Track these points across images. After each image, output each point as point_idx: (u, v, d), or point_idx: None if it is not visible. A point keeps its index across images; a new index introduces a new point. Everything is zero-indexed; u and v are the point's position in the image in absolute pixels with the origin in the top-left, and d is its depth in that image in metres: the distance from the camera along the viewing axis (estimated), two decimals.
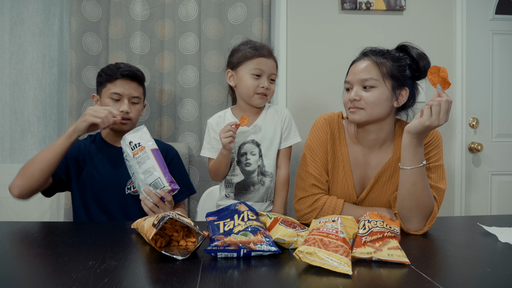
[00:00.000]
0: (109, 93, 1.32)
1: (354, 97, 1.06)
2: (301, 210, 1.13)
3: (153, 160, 1.10)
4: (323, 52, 1.96)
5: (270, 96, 1.28)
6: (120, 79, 1.33)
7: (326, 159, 1.15)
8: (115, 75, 1.33)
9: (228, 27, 1.86)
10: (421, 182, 0.96)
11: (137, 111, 1.37)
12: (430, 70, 0.94)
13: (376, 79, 1.04)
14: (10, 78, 1.90)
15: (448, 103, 0.90)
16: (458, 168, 2.01)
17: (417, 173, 0.95)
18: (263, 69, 1.24)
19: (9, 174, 1.26)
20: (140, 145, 1.12)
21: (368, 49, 1.12)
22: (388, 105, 1.06)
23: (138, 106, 1.38)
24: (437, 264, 0.74)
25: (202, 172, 1.85)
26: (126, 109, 1.31)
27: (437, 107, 0.90)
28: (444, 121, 0.91)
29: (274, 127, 1.29)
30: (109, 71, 1.34)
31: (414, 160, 0.95)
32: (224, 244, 0.75)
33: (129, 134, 1.17)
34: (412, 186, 0.96)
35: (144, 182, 1.11)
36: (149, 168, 1.10)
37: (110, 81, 1.33)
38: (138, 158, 1.11)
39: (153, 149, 1.13)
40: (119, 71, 1.33)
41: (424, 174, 0.97)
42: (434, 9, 2.00)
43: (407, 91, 1.07)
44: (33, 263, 0.75)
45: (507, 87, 2.06)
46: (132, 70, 1.36)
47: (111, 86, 1.33)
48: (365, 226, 0.81)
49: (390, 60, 1.06)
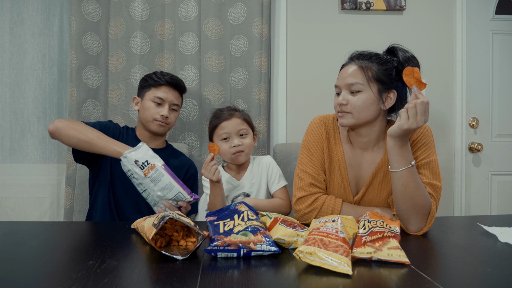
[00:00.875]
0: (153, 96, 1.42)
1: (341, 101, 1.07)
2: (300, 210, 1.13)
3: (168, 176, 1.13)
4: (323, 52, 1.96)
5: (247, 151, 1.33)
6: (166, 85, 1.44)
7: (323, 159, 1.16)
8: (161, 81, 1.43)
9: (228, 27, 1.86)
10: (413, 183, 0.96)
11: (174, 118, 1.48)
12: (405, 71, 0.96)
13: (362, 83, 1.05)
14: (10, 78, 1.90)
15: (423, 105, 0.91)
16: (458, 168, 2.01)
17: (407, 174, 0.96)
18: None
19: (9, 174, 1.27)
20: (149, 163, 1.13)
21: (355, 54, 1.12)
22: (375, 108, 1.07)
23: (176, 114, 1.49)
24: (437, 264, 0.74)
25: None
26: (166, 113, 1.41)
27: (413, 109, 0.91)
28: (422, 122, 0.92)
29: (260, 176, 1.36)
30: (156, 77, 1.44)
31: (401, 162, 0.96)
32: (224, 244, 0.75)
33: (129, 152, 1.15)
34: (404, 188, 0.96)
35: (164, 198, 1.14)
36: (167, 185, 1.13)
37: (156, 86, 1.43)
38: (152, 177, 1.13)
39: (163, 165, 1.15)
40: (165, 78, 1.44)
41: (415, 174, 0.97)
42: (434, 9, 2.00)
43: (395, 93, 1.08)
44: (33, 263, 0.74)
45: (507, 87, 2.06)
46: (177, 80, 1.48)
47: (155, 90, 1.43)
48: (365, 226, 0.82)
49: (376, 63, 1.07)
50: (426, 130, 1.11)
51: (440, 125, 2.01)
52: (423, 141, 1.08)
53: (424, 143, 1.08)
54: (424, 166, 1.05)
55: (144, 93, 1.46)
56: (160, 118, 1.41)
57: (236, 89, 1.87)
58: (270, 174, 1.36)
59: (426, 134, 1.10)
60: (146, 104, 1.43)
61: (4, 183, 1.88)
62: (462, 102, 2.00)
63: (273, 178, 1.35)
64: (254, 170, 1.37)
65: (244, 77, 1.86)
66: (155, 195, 1.14)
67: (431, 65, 1.99)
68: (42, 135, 1.92)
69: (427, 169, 1.05)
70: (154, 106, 1.42)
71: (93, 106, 1.82)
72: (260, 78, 1.84)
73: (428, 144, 1.08)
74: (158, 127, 1.42)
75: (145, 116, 1.43)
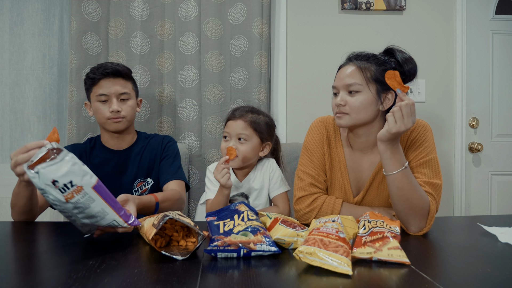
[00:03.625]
0: (96, 96, 1.29)
1: (339, 102, 1.07)
2: (300, 210, 1.13)
3: (101, 200, 0.79)
4: (323, 52, 1.96)
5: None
6: (103, 79, 1.29)
7: (324, 160, 1.16)
8: (97, 76, 1.29)
9: (228, 27, 1.86)
10: (408, 185, 0.96)
11: (129, 107, 1.32)
12: (387, 75, 0.97)
13: (360, 84, 1.05)
14: (10, 78, 1.90)
15: (408, 106, 0.92)
16: (458, 168, 2.01)
17: (401, 176, 0.96)
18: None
19: (9, 174, 1.26)
20: (74, 184, 0.75)
21: (353, 54, 1.12)
22: (373, 109, 1.07)
23: (130, 102, 1.33)
24: (437, 264, 0.74)
25: (202, 172, 1.85)
26: (116, 108, 1.27)
27: (398, 112, 0.92)
28: (410, 124, 0.92)
29: (262, 179, 1.33)
30: (91, 74, 1.31)
31: (394, 165, 0.96)
32: (224, 244, 0.75)
33: (44, 167, 0.73)
34: (399, 190, 0.96)
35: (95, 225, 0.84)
36: (98, 213, 0.79)
37: (94, 83, 1.30)
38: (77, 203, 0.76)
39: (94, 185, 0.78)
40: (99, 71, 1.29)
41: (409, 176, 0.97)
42: (434, 9, 2.00)
43: (393, 94, 1.08)
44: (33, 263, 0.74)
45: (507, 87, 2.06)
46: (113, 67, 1.31)
47: (96, 88, 1.30)
48: (365, 226, 0.81)
49: (375, 64, 1.07)
50: (424, 128, 1.10)
51: (440, 125, 2.01)
52: (422, 139, 1.08)
53: (422, 142, 1.08)
54: (423, 164, 1.05)
55: (89, 96, 1.35)
56: (112, 115, 1.28)
57: (236, 89, 1.87)
58: (271, 178, 1.33)
59: (424, 132, 1.09)
60: (95, 106, 1.31)
61: (4, 183, 1.87)
62: (462, 102, 2.00)
63: (274, 182, 1.32)
64: (257, 173, 1.35)
65: (244, 77, 1.86)
66: (80, 222, 0.82)
67: (431, 65, 1.99)
68: (42, 135, 1.92)
69: (427, 167, 1.05)
70: (101, 105, 1.29)
71: None
72: (260, 78, 1.84)
73: (427, 142, 1.08)
74: (114, 125, 1.30)
75: (98, 119, 1.32)
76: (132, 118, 1.35)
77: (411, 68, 1.08)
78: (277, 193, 1.32)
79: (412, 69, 1.08)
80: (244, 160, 1.27)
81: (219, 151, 1.87)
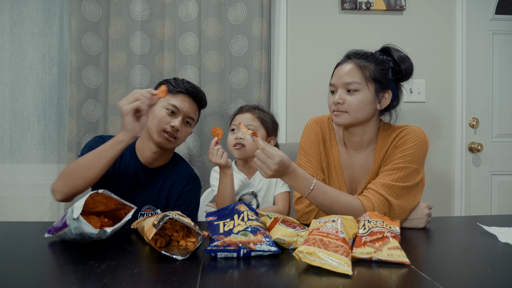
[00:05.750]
0: (167, 103, 1.22)
1: (338, 100, 1.06)
2: (300, 210, 1.13)
3: None
4: (323, 52, 1.96)
5: None
6: (184, 94, 1.25)
7: (320, 159, 1.17)
8: (180, 87, 1.25)
9: (228, 27, 1.86)
10: (326, 199, 0.99)
11: (186, 134, 1.28)
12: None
13: (360, 82, 1.05)
14: (10, 78, 1.90)
15: (260, 155, 0.94)
16: (458, 168, 2.01)
17: (315, 195, 0.98)
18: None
19: (9, 174, 1.26)
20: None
21: (352, 52, 1.12)
22: (371, 108, 1.07)
23: (189, 130, 1.29)
24: (437, 264, 0.74)
25: (202, 172, 1.85)
26: (178, 125, 1.21)
27: (257, 161, 0.95)
28: (273, 165, 0.92)
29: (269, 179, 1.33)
30: (174, 82, 1.26)
31: (302, 189, 0.99)
32: (224, 244, 0.75)
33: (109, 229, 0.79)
34: (320, 206, 1.00)
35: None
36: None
37: (173, 92, 1.24)
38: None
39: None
40: (185, 85, 1.26)
41: (323, 192, 0.99)
42: (434, 9, 2.00)
43: (390, 93, 1.08)
44: (33, 263, 0.74)
45: (507, 87, 2.06)
46: (199, 90, 1.29)
47: (171, 97, 1.24)
48: (365, 226, 0.81)
49: (373, 63, 1.07)
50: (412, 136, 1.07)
51: (440, 125, 2.01)
52: (405, 146, 1.06)
53: (406, 148, 1.05)
54: (396, 169, 1.04)
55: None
56: (169, 129, 1.20)
57: (236, 89, 1.87)
58: None
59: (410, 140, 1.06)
60: (157, 111, 1.22)
61: (4, 183, 1.88)
62: (462, 102, 2.00)
63: (279, 180, 1.35)
64: None
65: (244, 77, 1.86)
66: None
67: (431, 65, 1.99)
68: (42, 135, 1.92)
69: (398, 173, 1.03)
70: (165, 115, 1.21)
71: (93, 106, 1.82)
72: (260, 78, 1.84)
73: (410, 150, 1.05)
74: (164, 141, 1.21)
75: (152, 125, 1.22)
76: (179, 143, 1.29)
77: (408, 67, 1.08)
78: (279, 192, 1.33)
79: (409, 68, 1.08)
80: (251, 150, 1.30)
81: None
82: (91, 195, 0.83)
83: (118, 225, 0.81)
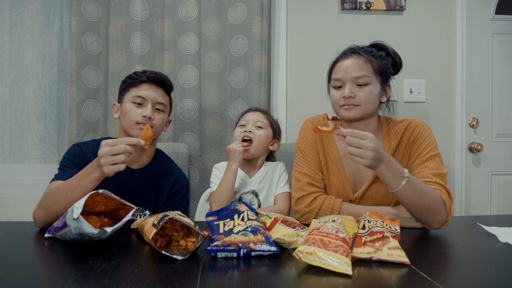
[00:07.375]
0: (132, 96, 1.21)
1: (349, 94, 1.07)
2: (299, 210, 1.13)
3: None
4: (323, 52, 1.96)
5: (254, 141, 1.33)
6: (146, 82, 1.23)
7: (318, 158, 1.17)
8: (140, 78, 1.23)
9: (228, 27, 1.86)
10: (416, 192, 0.94)
11: (161, 120, 1.24)
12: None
13: (369, 76, 1.07)
14: (10, 78, 1.90)
15: (352, 140, 0.89)
16: (458, 168, 2.01)
17: (407, 188, 0.93)
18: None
19: (9, 174, 1.25)
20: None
21: (354, 47, 1.14)
22: (378, 101, 1.11)
23: (163, 116, 1.25)
24: (437, 264, 0.74)
25: (202, 172, 1.85)
26: (149, 113, 1.19)
27: (352, 149, 0.90)
28: (368, 145, 0.88)
29: (272, 178, 1.36)
30: (134, 75, 1.25)
31: (395, 181, 0.92)
32: (224, 244, 0.75)
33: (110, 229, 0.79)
34: (410, 201, 0.95)
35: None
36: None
37: (134, 85, 1.23)
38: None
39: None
40: (145, 74, 1.24)
41: (414, 183, 0.94)
42: (434, 9, 2.00)
43: (390, 86, 1.13)
44: (33, 263, 0.74)
45: (507, 87, 2.06)
46: (160, 75, 1.26)
47: (135, 90, 1.22)
48: (365, 226, 0.81)
49: (378, 57, 1.10)
50: (423, 127, 1.13)
51: (440, 125, 2.01)
52: (423, 137, 1.10)
53: (424, 139, 1.10)
54: (429, 159, 1.07)
55: (123, 97, 1.25)
56: (141, 120, 1.18)
57: (236, 89, 1.87)
58: (279, 176, 1.37)
59: (424, 130, 1.12)
60: (126, 107, 1.21)
61: (4, 183, 1.88)
62: (462, 102, 2.00)
63: (280, 181, 1.36)
64: (267, 172, 1.37)
65: (244, 77, 1.86)
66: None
67: (431, 65, 1.99)
68: (42, 135, 1.92)
69: (433, 161, 1.06)
70: (134, 108, 1.20)
71: (93, 106, 1.82)
72: (260, 78, 1.84)
73: (429, 139, 1.10)
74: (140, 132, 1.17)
75: (125, 122, 1.21)
76: (158, 132, 1.26)
77: (400, 62, 1.14)
78: (280, 191, 1.34)
79: (400, 63, 1.15)
80: (258, 146, 1.33)
81: (219, 151, 1.87)
82: (91, 195, 0.83)
83: (118, 225, 0.81)
